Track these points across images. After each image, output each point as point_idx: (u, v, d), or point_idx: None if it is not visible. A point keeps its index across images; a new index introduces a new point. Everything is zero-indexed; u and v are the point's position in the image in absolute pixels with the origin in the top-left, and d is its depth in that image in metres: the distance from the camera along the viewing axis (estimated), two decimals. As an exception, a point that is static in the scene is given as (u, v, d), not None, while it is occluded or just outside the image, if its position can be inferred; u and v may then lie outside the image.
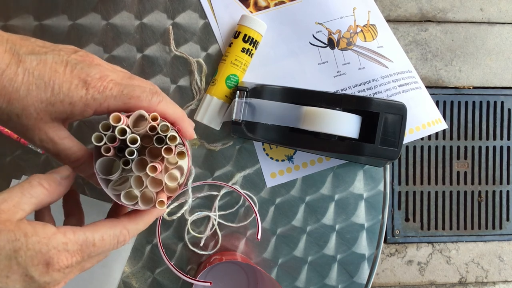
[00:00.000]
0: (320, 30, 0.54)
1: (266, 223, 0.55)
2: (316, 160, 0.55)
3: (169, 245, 0.53)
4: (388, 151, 0.47)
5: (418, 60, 1.35)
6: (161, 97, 0.35)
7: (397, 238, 1.32)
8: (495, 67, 1.37)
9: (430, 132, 0.54)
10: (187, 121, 0.38)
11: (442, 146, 1.34)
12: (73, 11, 0.53)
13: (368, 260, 0.56)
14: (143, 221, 0.37)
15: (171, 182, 0.35)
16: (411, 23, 1.36)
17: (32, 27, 0.52)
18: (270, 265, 0.55)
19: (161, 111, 0.35)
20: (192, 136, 0.38)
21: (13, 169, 0.52)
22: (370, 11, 0.55)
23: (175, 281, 0.54)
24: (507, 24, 1.38)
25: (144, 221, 0.37)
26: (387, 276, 1.33)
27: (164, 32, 0.54)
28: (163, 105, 0.35)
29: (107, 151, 0.33)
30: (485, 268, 1.36)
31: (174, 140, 0.34)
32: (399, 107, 0.47)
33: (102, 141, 0.33)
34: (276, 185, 0.54)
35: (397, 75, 0.54)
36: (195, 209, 0.54)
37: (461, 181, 1.34)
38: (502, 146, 1.35)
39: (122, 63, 0.53)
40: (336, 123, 0.47)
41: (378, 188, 0.56)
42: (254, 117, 0.49)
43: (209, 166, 0.54)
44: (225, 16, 0.54)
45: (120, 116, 0.33)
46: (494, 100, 1.36)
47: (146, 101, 0.34)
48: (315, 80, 0.54)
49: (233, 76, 0.52)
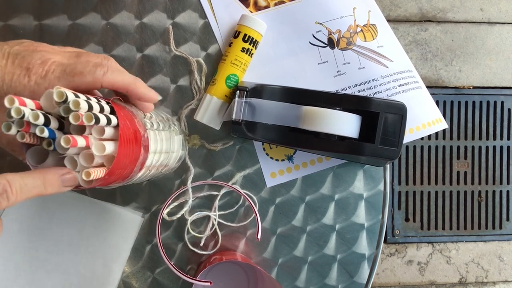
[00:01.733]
0: (320, 30, 0.54)
1: (266, 223, 0.55)
2: (316, 160, 0.55)
3: (169, 245, 0.53)
4: (388, 151, 0.47)
5: (418, 60, 1.35)
6: (105, 68, 0.34)
7: (397, 238, 1.32)
8: (495, 67, 1.37)
9: (430, 132, 0.54)
10: (142, 86, 0.36)
11: (442, 146, 1.34)
12: (73, 11, 0.53)
13: (368, 260, 0.56)
14: (33, 178, 0.30)
15: (99, 151, 0.30)
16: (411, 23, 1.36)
17: (32, 27, 0.52)
18: (270, 265, 0.55)
19: (108, 82, 0.34)
20: (153, 98, 0.37)
21: (13, 169, 0.52)
22: (371, 10, 0.55)
23: (175, 281, 0.54)
24: (507, 24, 1.38)
25: (36, 179, 0.30)
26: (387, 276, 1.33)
27: (164, 32, 0.54)
28: (109, 75, 0.34)
29: (23, 138, 0.30)
30: (485, 268, 1.36)
31: (76, 105, 0.29)
32: (399, 107, 0.47)
33: (11, 129, 0.30)
34: (276, 185, 0.54)
35: (397, 74, 0.54)
36: (195, 209, 0.54)
37: (461, 181, 1.34)
38: (502, 146, 1.35)
39: (122, 63, 0.53)
40: (336, 123, 0.47)
41: (378, 188, 0.56)
42: (254, 117, 0.49)
43: (209, 166, 0.54)
44: (225, 16, 0.54)
45: (20, 99, 0.29)
46: (494, 100, 1.36)
47: (89, 75, 0.33)
48: (315, 80, 0.54)
49: (233, 76, 0.52)
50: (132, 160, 0.34)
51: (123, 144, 0.32)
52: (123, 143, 0.32)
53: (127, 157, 0.33)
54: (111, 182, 0.34)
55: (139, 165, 0.36)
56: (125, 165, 0.33)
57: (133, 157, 0.34)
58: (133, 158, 0.34)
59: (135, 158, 0.34)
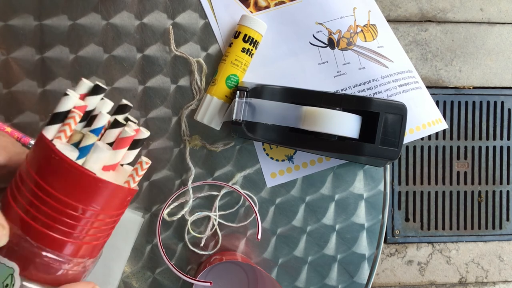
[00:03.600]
0: (320, 30, 0.54)
1: (266, 223, 0.55)
2: (316, 160, 0.55)
3: (169, 245, 0.53)
4: (388, 151, 0.47)
5: (418, 60, 1.35)
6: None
7: (397, 238, 1.32)
8: (495, 67, 1.37)
9: (430, 132, 0.54)
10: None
11: (442, 146, 1.34)
12: (73, 11, 0.53)
13: (368, 260, 0.56)
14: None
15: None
16: (411, 23, 1.36)
17: (32, 27, 0.52)
18: (270, 265, 0.55)
19: None
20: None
21: (13, 169, 0.52)
22: (371, 11, 0.55)
23: (175, 281, 0.54)
24: (507, 24, 1.38)
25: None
26: (387, 276, 1.33)
27: (164, 32, 0.54)
28: None
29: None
30: (485, 268, 1.36)
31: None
32: (399, 107, 0.47)
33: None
34: (276, 185, 0.54)
35: (397, 75, 0.54)
36: (195, 209, 0.54)
37: (461, 181, 1.34)
38: (502, 146, 1.35)
39: (122, 63, 0.53)
40: (336, 123, 0.47)
41: (378, 188, 0.56)
42: (254, 117, 0.49)
43: (209, 166, 0.54)
44: (225, 16, 0.54)
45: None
46: (494, 100, 1.36)
47: None
48: (315, 80, 0.54)
49: (233, 76, 0.52)
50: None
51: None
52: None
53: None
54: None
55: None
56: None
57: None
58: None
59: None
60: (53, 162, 0.31)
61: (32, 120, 0.52)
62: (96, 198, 0.32)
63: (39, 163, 0.32)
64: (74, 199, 0.31)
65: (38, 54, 0.52)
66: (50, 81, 0.52)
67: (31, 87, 0.52)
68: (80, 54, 0.53)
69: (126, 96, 0.53)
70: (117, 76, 0.53)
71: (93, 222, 0.32)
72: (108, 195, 0.33)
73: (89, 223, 0.32)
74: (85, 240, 0.33)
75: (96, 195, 0.32)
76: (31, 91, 0.52)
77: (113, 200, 0.33)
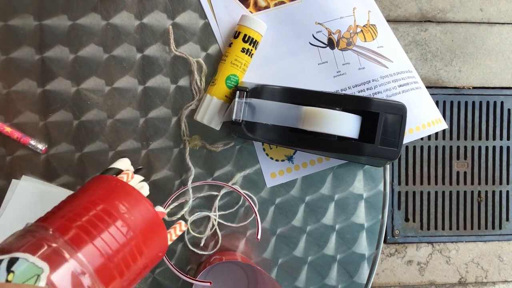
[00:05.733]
0: (320, 30, 0.54)
1: (266, 223, 0.55)
2: (316, 160, 0.55)
3: (169, 245, 0.53)
4: (388, 151, 0.47)
5: (418, 60, 1.35)
6: None
7: (397, 238, 1.32)
8: (495, 67, 1.37)
9: (430, 132, 0.54)
10: None
11: (442, 146, 1.34)
12: (73, 11, 0.53)
13: (368, 260, 0.56)
14: None
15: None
16: (411, 23, 1.36)
17: (32, 27, 0.52)
18: (270, 265, 0.55)
19: None
20: None
21: (13, 169, 0.52)
22: (370, 11, 0.55)
23: (175, 281, 0.54)
24: (507, 24, 1.38)
25: None
26: (387, 276, 1.33)
27: (164, 32, 0.54)
28: None
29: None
30: (485, 268, 1.36)
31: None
32: (399, 107, 0.47)
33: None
34: (276, 185, 0.54)
35: (397, 75, 0.54)
36: (195, 209, 0.54)
37: (461, 181, 1.34)
38: (502, 146, 1.35)
39: (122, 63, 0.53)
40: (336, 123, 0.47)
41: (378, 188, 0.56)
42: (254, 117, 0.49)
43: (209, 166, 0.54)
44: (225, 16, 0.54)
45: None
46: (494, 100, 1.36)
47: None
48: (315, 80, 0.54)
49: (233, 76, 0.52)
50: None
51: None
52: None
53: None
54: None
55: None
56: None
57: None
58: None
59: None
60: (129, 196, 0.38)
61: (32, 120, 0.52)
62: (144, 226, 0.37)
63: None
64: (127, 220, 0.36)
65: (38, 54, 0.52)
66: (50, 81, 0.52)
67: (31, 87, 0.52)
68: (80, 54, 0.53)
69: (126, 96, 0.53)
70: (117, 76, 0.53)
71: (127, 244, 0.35)
72: (158, 236, 0.38)
73: (123, 244, 0.35)
74: (112, 262, 0.34)
75: (146, 224, 0.37)
76: (31, 91, 0.52)
77: (157, 247, 0.38)
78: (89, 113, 0.53)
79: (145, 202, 0.38)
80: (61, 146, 0.52)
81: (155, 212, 0.38)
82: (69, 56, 0.53)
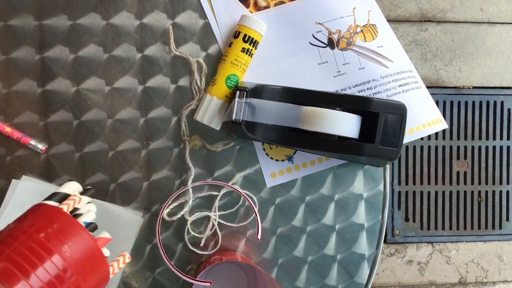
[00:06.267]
0: (320, 30, 0.54)
1: (266, 223, 0.55)
2: (316, 160, 0.55)
3: (169, 245, 0.53)
4: (388, 151, 0.47)
5: (418, 60, 1.35)
6: None
7: (397, 238, 1.32)
8: (495, 67, 1.37)
9: (430, 132, 0.54)
10: None
11: (442, 146, 1.34)
12: (73, 11, 0.53)
13: (368, 260, 0.56)
14: None
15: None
16: (411, 23, 1.36)
17: (32, 27, 0.52)
18: (270, 265, 0.55)
19: None
20: None
21: (13, 169, 0.52)
22: (371, 10, 0.55)
23: (175, 281, 0.54)
24: (507, 24, 1.38)
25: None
26: (387, 276, 1.33)
27: (164, 32, 0.54)
28: None
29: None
30: (485, 268, 1.36)
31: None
32: (399, 107, 0.47)
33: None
34: (276, 185, 0.54)
35: (397, 75, 0.54)
36: (195, 209, 0.54)
37: (461, 181, 1.34)
38: (502, 146, 1.35)
39: (122, 63, 0.53)
40: (336, 123, 0.47)
41: (378, 188, 0.56)
42: (254, 117, 0.49)
43: (209, 166, 0.54)
44: (225, 16, 0.54)
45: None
46: (494, 100, 1.36)
47: None
48: (315, 80, 0.54)
49: (233, 76, 0.52)
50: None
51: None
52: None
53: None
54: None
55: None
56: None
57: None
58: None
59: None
60: (74, 236, 0.37)
61: (32, 120, 0.52)
62: (86, 264, 0.37)
63: (61, 236, 0.36)
64: (66, 258, 0.36)
65: (38, 54, 0.52)
66: (50, 81, 0.52)
67: (31, 87, 0.52)
68: (80, 54, 0.53)
69: (126, 96, 0.53)
70: (117, 76, 0.53)
71: (62, 279, 0.35)
72: (98, 271, 0.38)
73: (58, 279, 0.35)
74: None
75: (94, 268, 0.38)
76: (31, 91, 0.52)
77: (96, 281, 0.38)
78: (89, 113, 0.53)
79: (86, 236, 0.37)
80: (61, 146, 0.52)
81: (96, 246, 0.38)
82: (69, 56, 0.53)
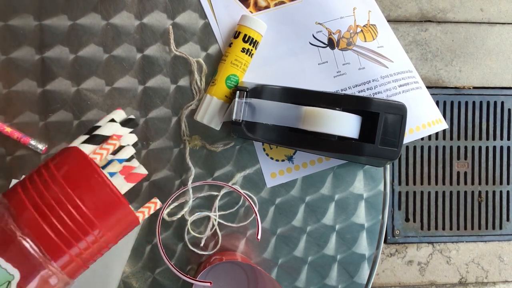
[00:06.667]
0: (320, 30, 0.54)
1: (266, 223, 0.55)
2: (316, 160, 0.55)
3: (169, 245, 0.53)
4: (388, 151, 0.47)
5: (418, 60, 1.35)
6: None
7: (397, 238, 1.32)
8: (495, 67, 1.37)
9: (430, 132, 0.54)
10: None
11: (442, 146, 1.34)
12: (73, 11, 0.53)
13: (368, 260, 0.56)
14: None
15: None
16: (411, 23, 1.36)
17: (32, 27, 0.52)
18: (270, 265, 0.55)
19: None
20: None
21: (13, 169, 0.52)
22: (371, 11, 0.55)
23: (175, 281, 0.54)
24: (507, 24, 1.38)
25: None
26: (387, 276, 1.33)
27: (164, 32, 0.54)
28: None
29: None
30: (485, 268, 1.36)
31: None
32: (399, 107, 0.47)
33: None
34: (276, 185, 0.54)
35: (397, 75, 0.54)
36: (195, 209, 0.54)
37: (461, 181, 1.34)
38: (502, 146, 1.35)
39: (122, 63, 0.53)
40: (336, 123, 0.47)
41: (378, 188, 0.56)
42: (254, 117, 0.49)
43: (209, 166, 0.54)
44: (225, 16, 0.54)
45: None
46: (494, 100, 1.36)
47: None
48: (315, 80, 0.54)
49: (233, 76, 0.52)
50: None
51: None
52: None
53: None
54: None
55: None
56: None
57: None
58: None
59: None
60: (93, 182, 0.34)
61: (32, 120, 0.52)
62: (114, 219, 0.35)
63: (76, 178, 0.34)
64: (96, 216, 0.34)
65: (38, 54, 0.52)
66: (50, 81, 0.52)
67: (31, 87, 0.52)
68: (80, 54, 0.53)
69: (126, 96, 0.53)
70: (117, 76, 0.53)
71: (96, 241, 0.35)
72: (122, 219, 0.36)
73: (93, 243, 0.34)
74: (81, 258, 0.34)
75: (115, 216, 0.35)
76: (31, 91, 0.52)
77: (121, 225, 0.37)
78: (89, 113, 0.53)
79: (113, 195, 0.35)
80: (61, 146, 0.52)
81: (125, 203, 0.37)
82: (69, 56, 0.53)
